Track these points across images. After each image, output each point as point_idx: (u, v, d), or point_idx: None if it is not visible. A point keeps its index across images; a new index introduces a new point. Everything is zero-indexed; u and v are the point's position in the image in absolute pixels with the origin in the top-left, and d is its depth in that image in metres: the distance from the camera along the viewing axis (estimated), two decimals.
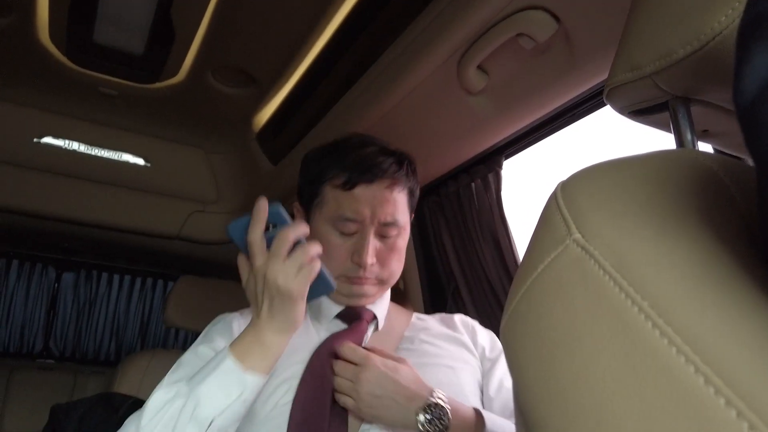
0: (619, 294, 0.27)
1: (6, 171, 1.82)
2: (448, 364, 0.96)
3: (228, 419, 0.76)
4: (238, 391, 0.77)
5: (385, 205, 0.96)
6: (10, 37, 1.37)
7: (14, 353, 2.83)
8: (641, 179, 0.32)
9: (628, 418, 0.24)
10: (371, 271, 0.96)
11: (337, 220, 0.95)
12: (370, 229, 0.96)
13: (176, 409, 0.75)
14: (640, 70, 0.41)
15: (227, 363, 0.78)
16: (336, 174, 0.97)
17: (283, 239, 0.79)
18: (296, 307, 0.80)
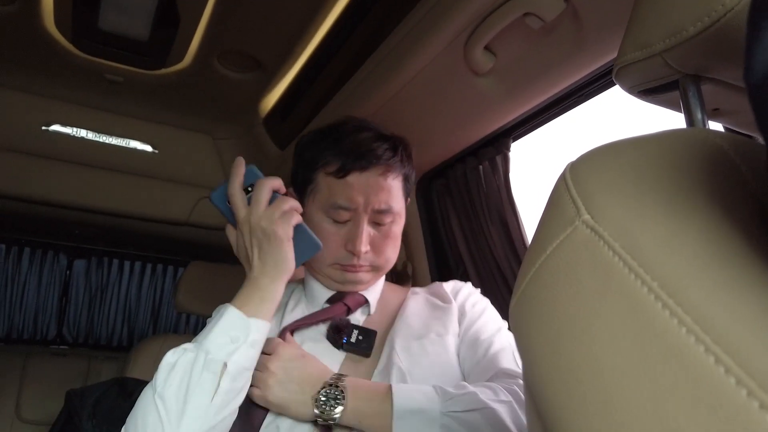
0: (629, 275, 0.27)
1: (15, 159, 1.83)
2: (438, 332, 0.95)
3: (240, 364, 0.78)
4: (244, 334, 0.79)
5: (379, 192, 0.96)
6: (15, 24, 1.37)
7: (28, 340, 2.88)
8: (651, 159, 0.32)
9: (637, 398, 0.24)
10: (365, 258, 0.96)
11: (330, 208, 0.95)
12: (364, 217, 0.96)
13: (188, 362, 0.76)
14: (649, 48, 0.40)
15: (229, 312, 0.80)
16: (329, 161, 0.96)
17: (260, 187, 0.84)
18: (283, 249, 0.83)
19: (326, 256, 0.96)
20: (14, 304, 2.87)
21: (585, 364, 0.27)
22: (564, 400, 0.28)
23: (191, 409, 0.73)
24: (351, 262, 0.96)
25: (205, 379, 0.75)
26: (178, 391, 0.74)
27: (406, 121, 1.36)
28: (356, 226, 0.95)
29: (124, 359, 2.23)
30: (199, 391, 0.74)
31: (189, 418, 0.73)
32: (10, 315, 2.85)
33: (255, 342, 0.80)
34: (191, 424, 0.73)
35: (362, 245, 0.94)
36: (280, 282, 0.84)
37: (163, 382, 0.75)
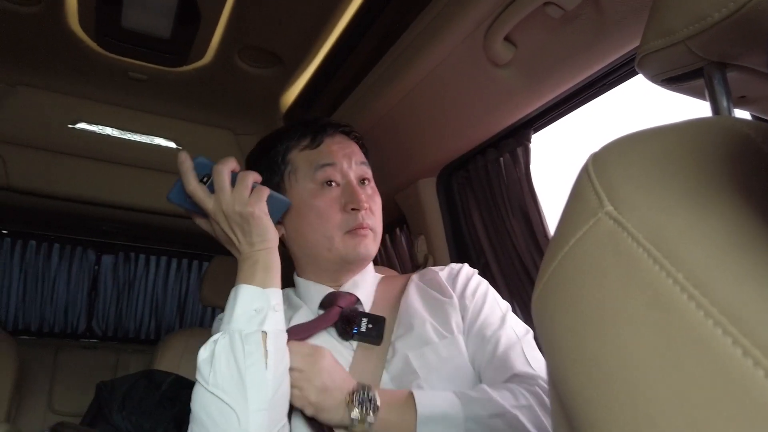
0: (654, 266, 0.26)
1: (43, 157, 1.87)
2: (443, 334, 0.93)
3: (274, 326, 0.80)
4: (265, 302, 0.81)
5: (354, 148, 1.04)
6: (40, 25, 1.40)
7: (59, 334, 2.94)
8: (675, 149, 0.31)
9: (663, 391, 0.24)
10: (368, 216, 0.97)
11: (315, 172, 0.98)
12: (350, 172, 1.00)
13: (226, 345, 0.78)
14: (673, 35, 0.40)
15: (242, 289, 0.82)
16: (299, 139, 1.02)
17: (219, 173, 0.86)
18: (263, 223, 0.85)
19: (331, 228, 0.96)
20: (45, 298, 2.94)
21: (610, 356, 0.27)
22: (589, 393, 0.28)
23: (251, 382, 0.75)
24: (357, 221, 0.96)
25: (251, 351, 0.76)
26: (230, 374, 0.75)
27: (425, 113, 1.36)
28: (348, 182, 0.98)
29: (151, 352, 2.28)
30: (251, 363, 0.75)
31: (253, 391, 0.74)
32: (41, 309, 2.92)
33: (277, 305, 0.82)
34: (257, 396, 0.74)
35: (360, 195, 0.96)
36: (273, 251, 0.86)
37: (208, 373, 0.76)
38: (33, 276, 2.92)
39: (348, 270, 1.00)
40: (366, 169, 1.04)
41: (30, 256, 2.92)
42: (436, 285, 1.04)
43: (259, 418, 0.74)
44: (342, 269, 1.00)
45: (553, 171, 1.45)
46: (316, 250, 0.98)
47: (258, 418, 0.74)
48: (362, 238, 0.96)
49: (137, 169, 1.99)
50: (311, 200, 0.97)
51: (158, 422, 1.16)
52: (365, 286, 1.03)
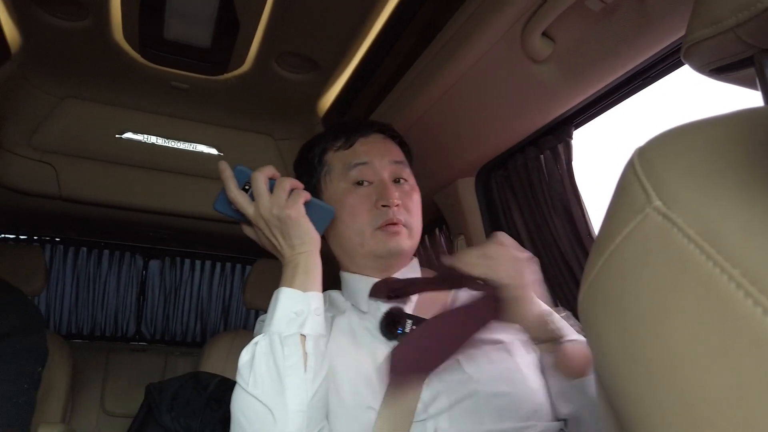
0: (707, 262, 0.25)
1: (92, 167, 1.93)
2: (497, 339, 0.92)
3: (314, 330, 0.81)
4: (305, 306, 0.82)
5: (390, 146, 1.05)
6: (87, 39, 1.45)
7: (110, 337, 3.04)
8: (726, 141, 0.30)
9: (719, 391, 0.23)
10: (399, 213, 0.97)
11: (348, 171, 1.00)
12: (383, 172, 1.00)
13: (265, 348, 0.79)
14: (720, 23, 0.38)
15: (283, 292, 0.84)
16: (333, 140, 1.04)
17: (256, 181, 0.88)
18: (302, 225, 0.87)
19: (363, 225, 0.97)
20: (96, 303, 3.04)
21: (661, 356, 0.26)
22: (639, 394, 0.28)
23: (290, 384, 0.75)
24: (387, 218, 0.96)
25: (291, 353, 0.77)
26: (270, 375, 0.76)
27: (463, 112, 1.35)
28: (380, 180, 1.00)
29: (198, 354, 2.33)
30: (290, 365, 0.76)
31: (292, 393, 0.75)
32: (93, 314, 3.02)
33: (318, 310, 0.83)
34: (296, 398, 0.75)
35: (391, 191, 0.97)
36: (314, 254, 0.88)
37: (248, 375, 0.77)
38: (84, 282, 3.03)
39: (386, 265, 1.00)
40: (402, 168, 1.04)
41: (81, 263, 3.03)
42: None
43: (297, 420, 0.75)
44: (379, 265, 1.00)
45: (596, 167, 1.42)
46: (350, 247, 1.00)
47: (296, 419, 0.75)
48: (393, 234, 0.97)
49: (181, 176, 2.04)
50: (344, 199, 0.98)
51: (206, 423, 1.18)
52: (413, 272, 1.04)
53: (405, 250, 0.99)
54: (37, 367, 1.15)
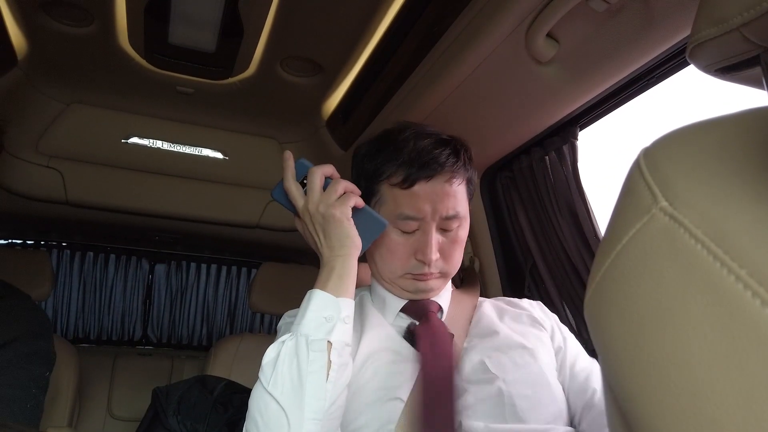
0: (714, 263, 0.25)
1: (99, 171, 1.94)
2: (522, 343, 0.95)
3: (340, 339, 0.80)
4: (336, 312, 0.82)
5: (445, 199, 0.95)
6: (93, 44, 1.46)
7: (117, 341, 3.05)
8: (732, 140, 0.30)
9: (729, 392, 0.23)
10: (435, 266, 0.96)
11: (397, 219, 0.95)
12: (432, 225, 0.95)
13: (291, 348, 0.78)
14: (726, 23, 0.38)
15: (316, 294, 0.83)
16: (393, 172, 0.96)
17: (312, 175, 0.89)
18: (344, 228, 0.86)
19: (396, 268, 0.97)
20: (103, 307, 3.05)
21: (669, 357, 0.26)
22: (648, 396, 0.27)
23: (310, 389, 0.75)
24: (422, 271, 0.96)
25: (315, 359, 0.77)
26: (291, 377, 0.76)
27: (467, 115, 1.35)
28: (425, 234, 0.94)
29: (204, 357, 2.33)
30: (313, 370, 0.76)
31: (310, 398, 0.75)
32: (99, 318, 3.03)
33: (348, 318, 0.83)
34: (314, 404, 0.75)
35: (432, 254, 0.93)
36: (350, 258, 0.87)
37: (271, 374, 0.77)
38: (91, 286, 3.04)
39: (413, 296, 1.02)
40: (453, 221, 0.97)
41: (88, 267, 3.03)
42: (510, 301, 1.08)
43: (312, 427, 0.74)
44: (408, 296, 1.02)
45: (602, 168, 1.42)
46: (382, 274, 1.01)
47: (310, 427, 0.74)
48: (424, 282, 0.97)
49: (187, 180, 2.04)
50: (388, 235, 0.96)
51: (212, 427, 1.18)
52: (445, 295, 1.05)
53: (434, 290, 1.00)
54: (45, 372, 1.16)
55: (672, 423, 0.26)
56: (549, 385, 0.89)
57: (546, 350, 0.96)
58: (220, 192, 2.07)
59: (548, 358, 0.95)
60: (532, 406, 0.85)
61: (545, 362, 0.93)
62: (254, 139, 2.00)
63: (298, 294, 0.90)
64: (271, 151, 2.02)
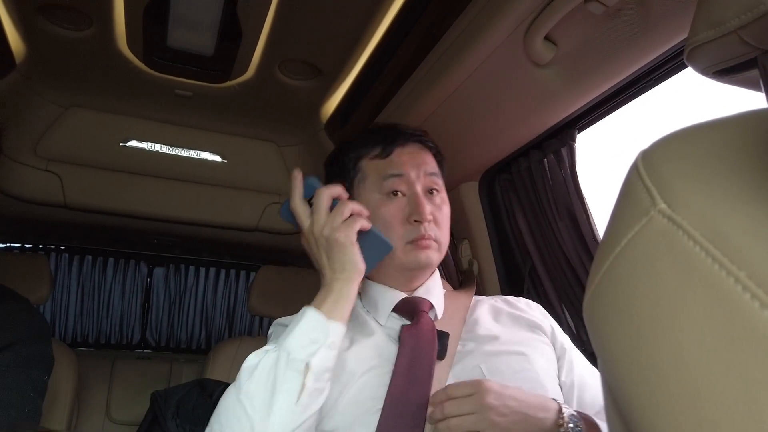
0: (713, 265, 0.25)
1: (97, 175, 1.94)
2: (519, 350, 0.94)
3: (321, 364, 0.79)
4: (324, 336, 0.81)
5: (423, 158, 1.04)
6: (91, 48, 1.46)
7: (115, 345, 3.04)
8: (730, 143, 0.30)
9: (728, 394, 0.23)
10: (430, 229, 0.97)
11: (383, 181, 0.99)
12: (417, 184, 1.00)
13: (271, 361, 0.78)
14: (723, 25, 0.38)
15: (308, 314, 0.83)
16: (371, 148, 1.04)
17: (319, 197, 0.88)
18: (347, 253, 0.86)
19: (396, 239, 0.97)
20: (101, 311, 3.04)
21: (668, 359, 0.26)
22: (647, 398, 0.27)
23: (278, 407, 0.75)
24: (419, 233, 0.96)
25: (290, 378, 0.77)
26: (264, 390, 0.76)
27: (465, 117, 1.35)
28: (413, 193, 0.99)
29: (203, 361, 2.33)
30: (285, 389, 0.76)
31: (276, 416, 0.74)
32: (98, 321, 3.03)
33: (333, 344, 0.82)
34: (278, 422, 0.74)
35: (425, 207, 0.96)
36: (351, 284, 0.86)
37: (246, 382, 0.77)
38: (89, 290, 3.03)
39: (413, 276, 1.01)
40: (436, 179, 1.04)
41: (86, 271, 3.03)
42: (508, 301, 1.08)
43: None
44: (406, 277, 1.01)
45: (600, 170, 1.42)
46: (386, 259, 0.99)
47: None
48: (424, 249, 0.97)
49: (185, 184, 2.04)
50: (377, 210, 0.98)
51: None
52: (436, 292, 1.05)
53: (434, 263, 1.00)
54: (44, 376, 1.16)
55: (671, 425, 0.26)
56: (545, 391, 0.88)
57: (543, 356, 0.95)
58: (219, 195, 2.07)
59: (546, 363, 0.94)
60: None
61: (542, 368, 0.92)
62: (253, 142, 2.00)
63: (297, 297, 0.90)
64: (270, 154, 2.03)
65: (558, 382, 0.94)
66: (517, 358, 0.92)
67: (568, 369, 0.96)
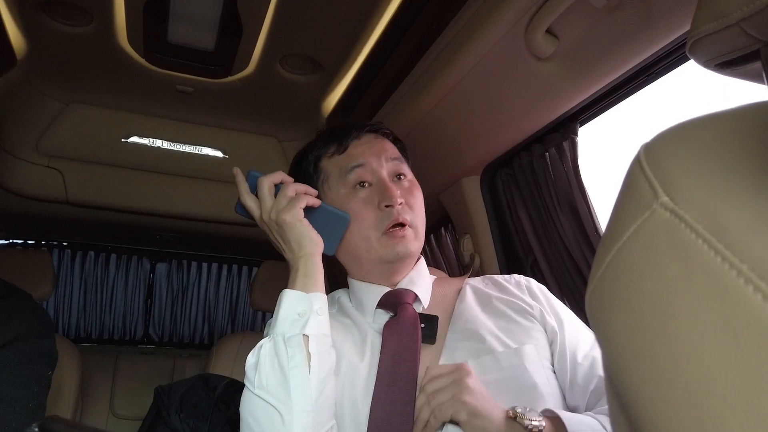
0: (715, 258, 0.25)
1: (99, 171, 1.94)
2: (508, 344, 0.91)
3: (317, 331, 0.82)
4: (308, 306, 0.84)
5: (381, 146, 1.03)
6: (92, 44, 1.46)
7: (118, 340, 3.06)
8: (733, 135, 0.30)
9: (730, 386, 0.23)
10: (403, 212, 0.96)
11: (346, 175, 0.99)
12: (381, 170, 0.99)
13: (270, 350, 0.80)
14: (726, 17, 0.38)
15: (286, 295, 0.86)
16: (326, 146, 1.04)
17: (260, 184, 0.91)
18: (297, 229, 0.89)
19: (369, 229, 0.96)
20: (104, 307, 3.05)
21: (671, 352, 0.26)
22: (649, 390, 0.27)
23: (295, 383, 0.76)
24: (392, 217, 0.95)
25: (294, 354, 0.78)
26: (275, 376, 0.77)
27: (467, 111, 1.35)
28: (379, 179, 0.98)
29: (206, 356, 2.34)
30: (295, 365, 0.77)
31: (296, 392, 0.76)
32: (101, 317, 3.04)
33: (320, 310, 0.85)
34: (301, 398, 0.76)
35: (392, 189, 0.96)
36: (313, 258, 0.89)
37: (254, 376, 0.78)
38: (92, 286, 3.04)
39: (393, 270, 0.99)
40: (399, 164, 1.03)
41: (89, 267, 3.04)
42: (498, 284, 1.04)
43: (303, 420, 0.75)
44: (387, 270, 0.99)
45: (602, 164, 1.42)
46: (357, 253, 0.99)
47: (303, 419, 0.75)
48: (400, 239, 0.95)
49: (187, 179, 2.04)
50: (346, 204, 0.98)
51: (215, 425, 1.19)
52: (422, 282, 1.02)
53: (412, 252, 0.97)
54: (47, 371, 1.16)
55: (673, 416, 0.26)
56: (535, 386, 0.86)
57: (534, 345, 0.91)
58: (221, 190, 2.08)
59: (536, 355, 0.90)
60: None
61: (532, 361, 0.89)
62: (254, 137, 2.00)
63: None
64: (271, 150, 2.03)
65: (552, 369, 0.92)
66: (505, 353, 0.89)
67: (561, 353, 0.93)
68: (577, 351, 0.92)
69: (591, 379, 0.89)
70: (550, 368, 0.91)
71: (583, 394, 0.89)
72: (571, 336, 0.94)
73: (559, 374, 0.92)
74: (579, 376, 0.90)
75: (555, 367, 0.92)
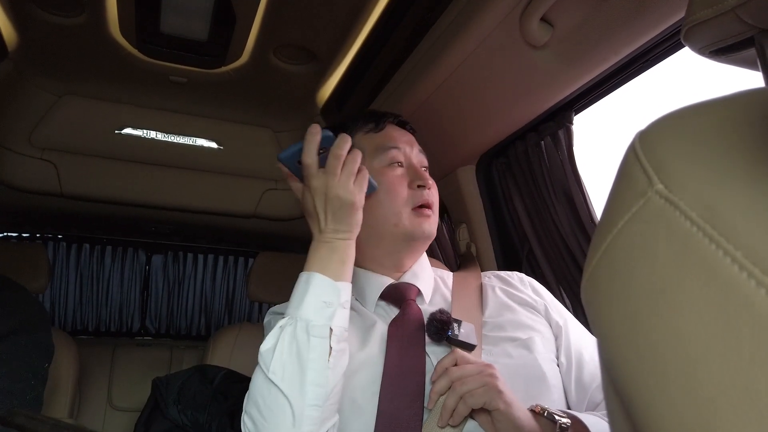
0: (709, 245, 0.25)
1: (92, 163, 1.93)
2: (517, 335, 0.93)
3: (340, 325, 0.80)
4: (336, 297, 0.81)
5: (411, 138, 1.09)
6: (84, 35, 1.44)
7: (115, 332, 3.05)
8: (727, 122, 0.30)
9: (725, 372, 0.23)
10: (431, 194, 1.01)
11: (383, 152, 1.02)
12: (412, 154, 1.05)
13: (290, 334, 0.77)
14: (721, 4, 0.38)
15: (316, 278, 0.82)
16: (363, 124, 1.07)
17: (336, 157, 0.86)
18: (358, 215, 0.87)
19: (400, 203, 0.98)
20: (101, 299, 3.05)
21: (665, 339, 0.26)
22: (644, 378, 0.28)
23: (311, 376, 0.75)
24: (422, 198, 0.99)
25: (316, 345, 0.76)
26: (291, 363, 0.75)
27: (462, 100, 1.35)
28: (411, 164, 1.03)
29: (203, 347, 2.34)
30: (314, 357, 0.76)
31: (311, 385, 0.74)
32: (97, 310, 3.03)
33: (346, 303, 0.83)
34: (315, 391, 0.75)
35: (426, 174, 1.02)
36: (350, 242, 0.87)
37: (270, 360, 0.76)
38: (88, 278, 3.03)
39: (411, 249, 1.02)
40: (424, 158, 1.08)
41: (84, 259, 3.03)
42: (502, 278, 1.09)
43: (313, 414, 0.74)
44: (405, 248, 1.01)
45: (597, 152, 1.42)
46: (383, 227, 0.99)
47: (312, 413, 0.74)
48: (426, 217, 0.99)
49: (181, 171, 2.03)
50: (381, 177, 0.99)
51: (213, 416, 1.19)
52: (424, 277, 1.04)
53: (433, 235, 1.02)
54: (44, 363, 1.16)
55: (668, 403, 0.26)
56: (544, 376, 0.88)
57: (541, 337, 0.94)
58: (216, 182, 2.07)
59: (543, 347, 0.92)
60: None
61: (540, 352, 0.91)
62: (249, 128, 1.99)
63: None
64: (265, 140, 2.02)
65: (557, 363, 0.94)
66: (514, 344, 0.91)
67: (566, 348, 0.95)
68: (583, 350, 0.95)
69: (596, 378, 0.91)
70: (554, 361, 0.93)
71: (586, 392, 0.91)
72: (576, 335, 0.97)
73: (563, 370, 0.93)
74: (585, 374, 0.92)
75: (560, 361, 0.94)
